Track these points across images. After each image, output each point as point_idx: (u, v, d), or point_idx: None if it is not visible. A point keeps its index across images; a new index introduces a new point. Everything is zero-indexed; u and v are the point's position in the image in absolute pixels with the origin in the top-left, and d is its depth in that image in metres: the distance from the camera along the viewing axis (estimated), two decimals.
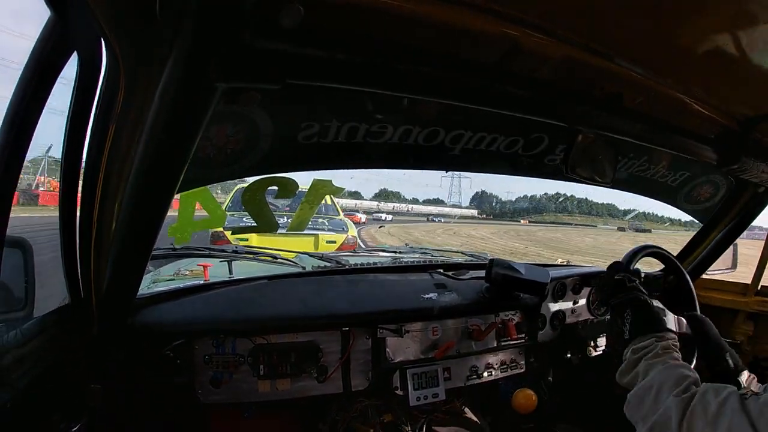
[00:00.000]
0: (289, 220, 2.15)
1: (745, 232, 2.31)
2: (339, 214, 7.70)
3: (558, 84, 1.23)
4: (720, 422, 0.99)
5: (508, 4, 0.94)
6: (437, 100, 1.12)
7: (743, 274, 2.52)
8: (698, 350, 1.75)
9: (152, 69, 0.82)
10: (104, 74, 0.93)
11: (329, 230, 6.65)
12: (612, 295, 1.50)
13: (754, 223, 2.30)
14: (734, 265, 2.59)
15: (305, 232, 5.67)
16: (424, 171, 1.95)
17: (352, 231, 7.14)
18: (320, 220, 6.77)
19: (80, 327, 1.30)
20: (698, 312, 1.84)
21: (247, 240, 5.03)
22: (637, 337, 1.34)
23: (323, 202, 6.64)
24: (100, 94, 0.96)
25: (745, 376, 1.59)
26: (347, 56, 0.89)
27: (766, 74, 1.18)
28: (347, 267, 2.21)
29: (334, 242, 6.42)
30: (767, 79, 1.21)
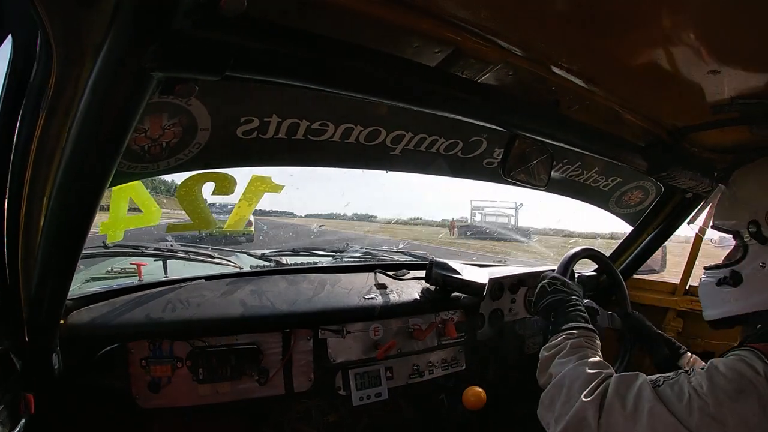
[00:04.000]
0: None
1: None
2: None
3: (497, 89, 1.25)
4: (639, 416, 1.01)
5: (451, 9, 0.94)
6: (378, 100, 1.11)
7: None
8: (635, 345, 1.85)
9: (86, 55, 0.77)
10: (36, 59, 0.85)
11: None
12: (537, 302, 1.53)
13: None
14: (663, 267, 2.73)
15: None
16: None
17: None
18: None
19: (10, 331, 1.21)
20: (629, 308, 1.94)
21: None
22: (551, 336, 1.36)
23: None
24: (31, 79, 0.88)
25: (686, 359, 1.68)
26: (288, 51, 0.86)
27: (696, 87, 1.23)
28: (287, 267, 2.17)
29: None
30: (696, 91, 1.26)
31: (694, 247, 2.40)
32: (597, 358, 1.24)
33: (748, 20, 0.91)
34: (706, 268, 1.44)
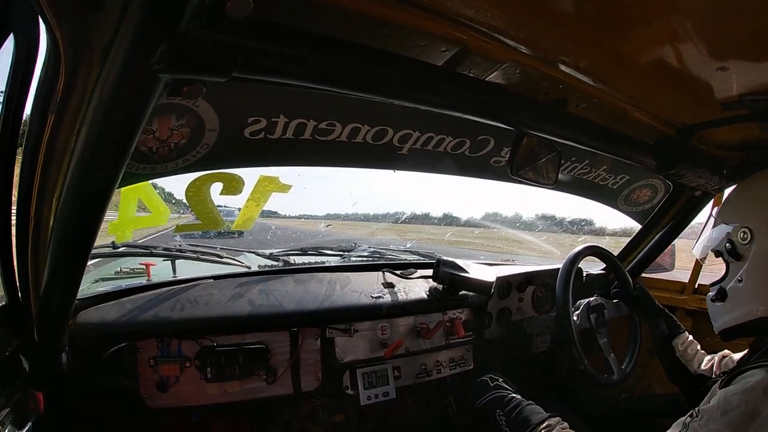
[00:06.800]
0: None
1: None
2: None
3: (504, 87, 1.24)
4: None
5: (457, 8, 0.94)
6: (385, 100, 1.11)
7: None
8: (640, 320, 2.01)
9: (95, 57, 0.77)
10: (44, 61, 0.86)
11: None
12: (476, 398, 1.56)
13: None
14: (672, 266, 2.71)
15: None
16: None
17: None
18: None
19: (19, 330, 1.22)
20: (631, 285, 2.08)
21: None
22: None
23: None
24: (39, 81, 0.90)
25: (682, 339, 1.82)
26: (295, 52, 0.86)
27: (704, 84, 1.23)
28: (295, 266, 2.18)
29: None
30: (705, 88, 1.25)
31: None
32: None
33: (755, 16, 0.91)
34: (710, 285, 1.50)
